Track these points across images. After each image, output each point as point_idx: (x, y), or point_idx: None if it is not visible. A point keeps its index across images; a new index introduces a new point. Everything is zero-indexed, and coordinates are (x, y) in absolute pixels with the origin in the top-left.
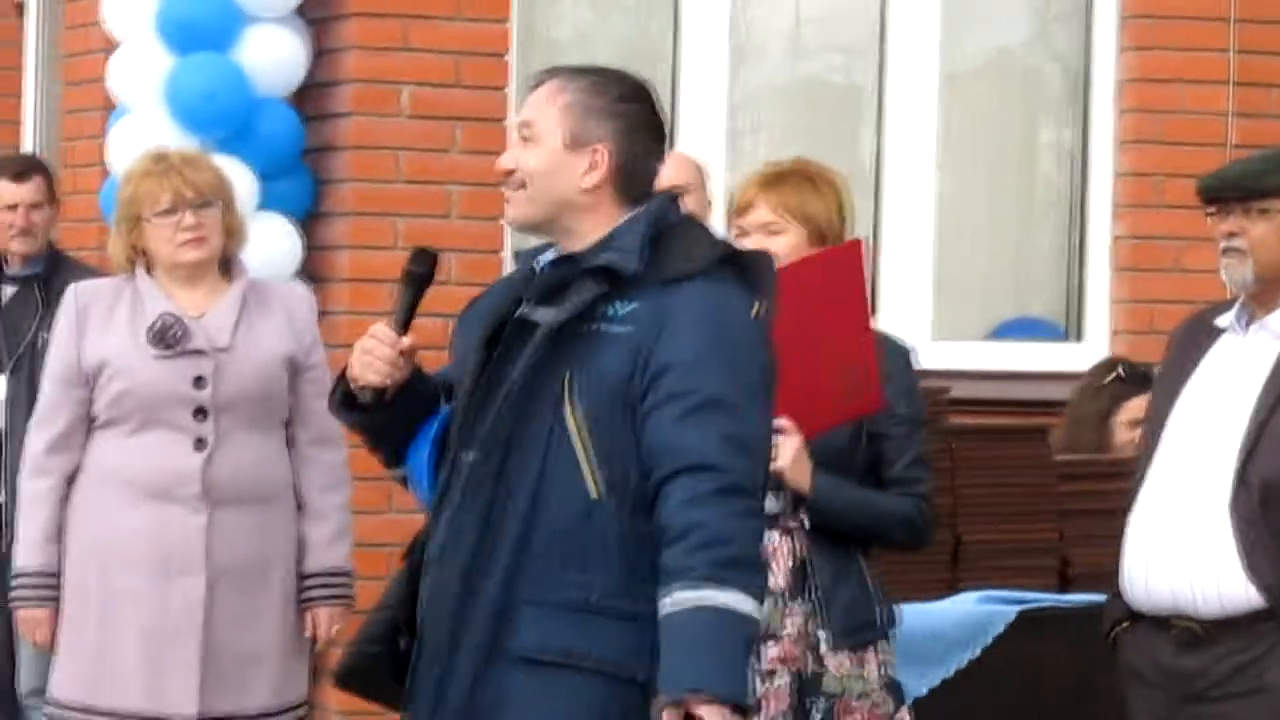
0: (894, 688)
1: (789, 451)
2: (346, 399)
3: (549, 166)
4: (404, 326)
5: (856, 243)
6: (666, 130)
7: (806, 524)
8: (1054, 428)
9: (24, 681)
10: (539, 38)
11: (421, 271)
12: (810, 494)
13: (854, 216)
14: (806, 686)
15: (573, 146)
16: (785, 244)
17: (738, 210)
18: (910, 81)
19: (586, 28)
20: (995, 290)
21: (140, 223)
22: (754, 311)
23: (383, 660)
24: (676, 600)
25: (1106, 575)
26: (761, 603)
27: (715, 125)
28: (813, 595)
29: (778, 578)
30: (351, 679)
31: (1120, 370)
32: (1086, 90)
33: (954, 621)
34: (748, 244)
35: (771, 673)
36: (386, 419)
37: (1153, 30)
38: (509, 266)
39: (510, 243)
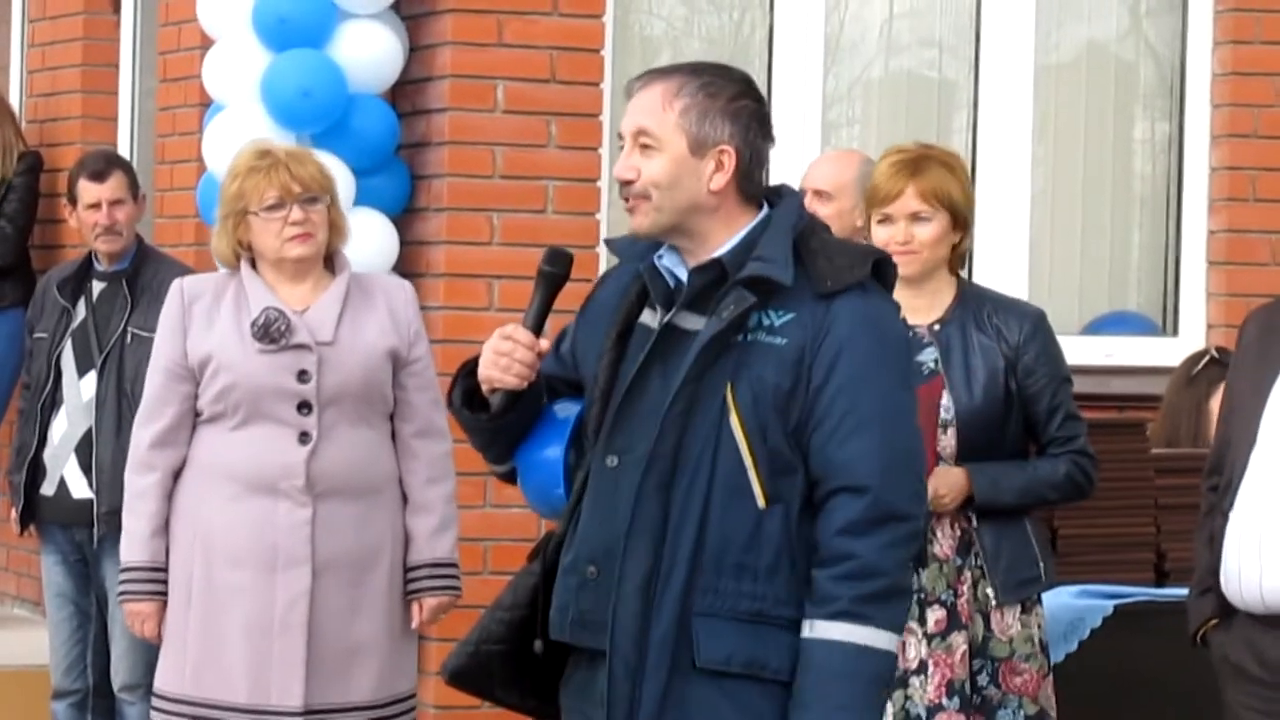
0: (1046, 650)
1: (944, 488)
2: (467, 399)
3: (675, 175)
4: (538, 328)
5: None
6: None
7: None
8: (1150, 422)
9: (118, 676)
10: (634, 33)
11: (556, 272)
12: (977, 500)
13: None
14: (975, 650)
15: (697, 151)
16: (931, 230)
17: (884, 199)
18: (1004, 76)
19: (681, 23)
20: (1090, 285)
21: (246, 218)
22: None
23: (500, 661)
24: (817, 630)
25: None
26: (900, 633)
27: (810, 120)
28: (978, 558)
29: (943, 545)
30: (466, 678)
31: (1214, 353)
32: (1181, 84)
33: (1050, 616)
34: (890, 231)
35: (940, 636)
36: (509, 421)
37: (1247, 24)
38: (605, 262)
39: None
